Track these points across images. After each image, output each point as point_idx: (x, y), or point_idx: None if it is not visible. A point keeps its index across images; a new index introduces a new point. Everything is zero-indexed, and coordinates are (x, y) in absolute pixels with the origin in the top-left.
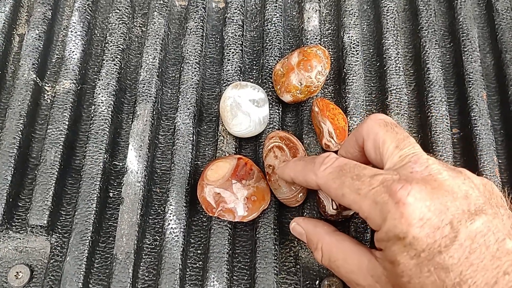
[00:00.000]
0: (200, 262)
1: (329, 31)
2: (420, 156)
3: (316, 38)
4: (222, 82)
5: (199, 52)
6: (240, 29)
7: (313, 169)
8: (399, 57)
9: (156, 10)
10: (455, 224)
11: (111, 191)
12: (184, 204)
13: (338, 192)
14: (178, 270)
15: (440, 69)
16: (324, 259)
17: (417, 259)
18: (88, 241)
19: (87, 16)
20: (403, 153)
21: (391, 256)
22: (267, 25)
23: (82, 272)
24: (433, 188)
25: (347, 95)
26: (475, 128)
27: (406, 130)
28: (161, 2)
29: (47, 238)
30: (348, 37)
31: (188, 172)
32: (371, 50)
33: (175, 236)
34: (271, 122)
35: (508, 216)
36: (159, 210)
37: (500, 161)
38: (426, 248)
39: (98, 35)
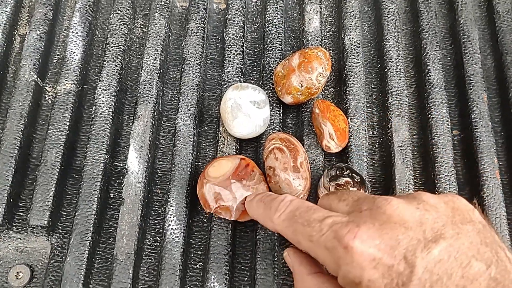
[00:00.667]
0: (200, 263)
1: (330, 32)
2: (366, 195)
3: (317, 40)
4: (223, 83)
5: (200, 53)
6: (241, 31)
7: (270, 215)
8: (399, 59)
9: (157, 11)
10: (410, 258)
11: (112, 191)
12: (185, 205)
13: (294, 240)
14: (178, 271)
15: (440, 71)
16: None
17: None
18: (88, 241)
19: (88, 17)
20: (349, 201)
21: None
22: (268, 27)
23: (82, 273)
24: (381, 224)
25: (348, 96)
26: (476, 130)
27: (406, 132)
28: (162, 3)
29: (48, 239)
30: (349, 38)
31: (189, 173)
32: (371, 52)
33: (175, 237)
34: (272, 123)
35: (477, 232)
36: (160, 211)
37: (500, 163)
38: None
39: (99, 36)
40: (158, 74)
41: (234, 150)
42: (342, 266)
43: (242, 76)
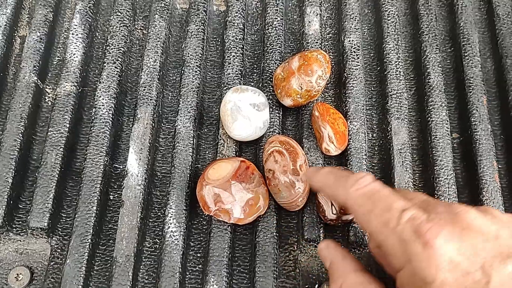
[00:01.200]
0: (200, 266)
1: (330, 35)
2: (432, 198)
3: (316, 42)
4: (222, 85)
5: (200, 55)
6: (241, 33)
7: (345, 186)
8: (399, 62)
9: (157, 13)
10: (487, 269)
11: (112, 194)
12: (184, 207)
13: (365, 218)
14: (177, 273)
15: (440, 74)
16: None
17: None
18: (88, 243)
19: (88, 19)
20: (416, 201)
21: None
22: (268, 29)
23: (82, 275)
24: (462, 229)
25: (348, 99)
26: (475, 133)
27: (406, 135)
28: (162, 5)
29: (48, 240)
30: (349, 41)
31: (188, 175)
32: (371, 55)
33: (175, 239)
34: (271, 126)
35: None
36: (159, 213)
37: (499, 166)
38: None
39: (99, 37)
40: (158, 76)
41: (234, 152)
42: (415, 262)
43: (242, 79)
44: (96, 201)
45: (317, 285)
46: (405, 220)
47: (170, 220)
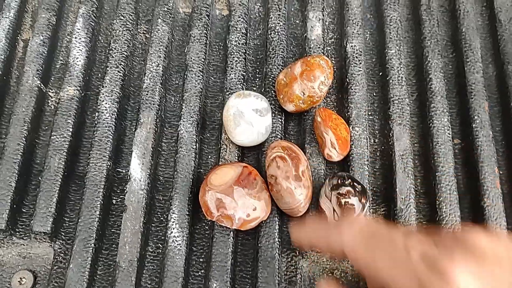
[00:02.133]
0: (202, 271)
1: (332, 40)
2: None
3: (319, 47)
4: (225, 90)
5: (203, 59)
6: (244, 37)
7: (339, 229)
8: (401, 67)
9: (160, 17)
10: None
11: (114, 198)
12: (187, 212)
13: (369, 256)
14: (180, 278)
15: (442, 80)
16: None
17: None
18: (91, 248)
19: (91, 23)
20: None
21: None
22: (270, 34)
23: (85, 279)
24: (477, 258)
25: (350, 105)
26: (477, 138)
27: (408, 140)
28: (165, 9)
29: (51, 245)
30: (351, 46)
31: (191, 180)
32: (374, 60)
33: (177, 244)
34: (274, 131)
35: None
36: (162, 218)
37: (501, 172)
38: None
39: (102, 41)
40: (161, 81)
41: (236, 157)
42: None
43: (245, 83)
44: (99, 205)
45: None
46: (416, 257)
47: (172, 225)
